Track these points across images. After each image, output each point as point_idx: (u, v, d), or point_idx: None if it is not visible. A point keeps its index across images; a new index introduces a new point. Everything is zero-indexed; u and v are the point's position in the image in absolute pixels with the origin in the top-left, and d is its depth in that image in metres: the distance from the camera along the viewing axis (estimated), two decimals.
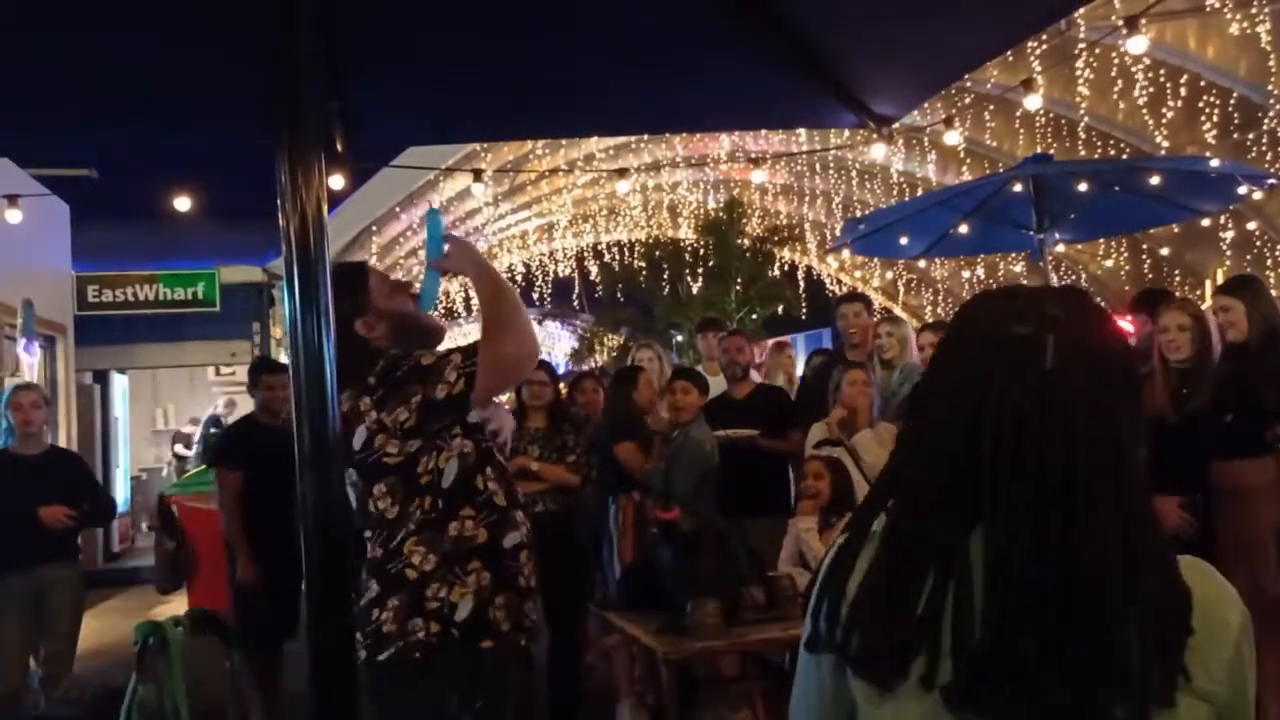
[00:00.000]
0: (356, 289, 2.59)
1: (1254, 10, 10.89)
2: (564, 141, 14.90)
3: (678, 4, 3.51)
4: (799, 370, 7.75)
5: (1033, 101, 8.06)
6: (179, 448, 14.91)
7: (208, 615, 5.61)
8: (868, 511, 1.19)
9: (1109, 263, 16.95)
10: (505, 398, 5.70)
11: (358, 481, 2.47)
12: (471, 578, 2.41)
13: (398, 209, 14.89)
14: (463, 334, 24.39)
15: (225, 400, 13.96)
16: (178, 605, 7.31)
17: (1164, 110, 12.63)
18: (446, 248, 2.64)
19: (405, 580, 2.39)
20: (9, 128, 4.52)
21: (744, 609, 4.06)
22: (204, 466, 8.31)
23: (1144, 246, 15.79)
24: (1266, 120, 12.17)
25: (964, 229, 9.10)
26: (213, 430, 13.44)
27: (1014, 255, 16.87)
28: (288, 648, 5.41)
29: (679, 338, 20.02)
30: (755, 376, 6.36)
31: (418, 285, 2.79)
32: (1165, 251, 15.38)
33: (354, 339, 2.53)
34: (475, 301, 20.41)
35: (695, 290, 20.22)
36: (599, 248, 23.36)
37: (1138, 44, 5.65)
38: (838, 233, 15.30)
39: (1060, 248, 13.81)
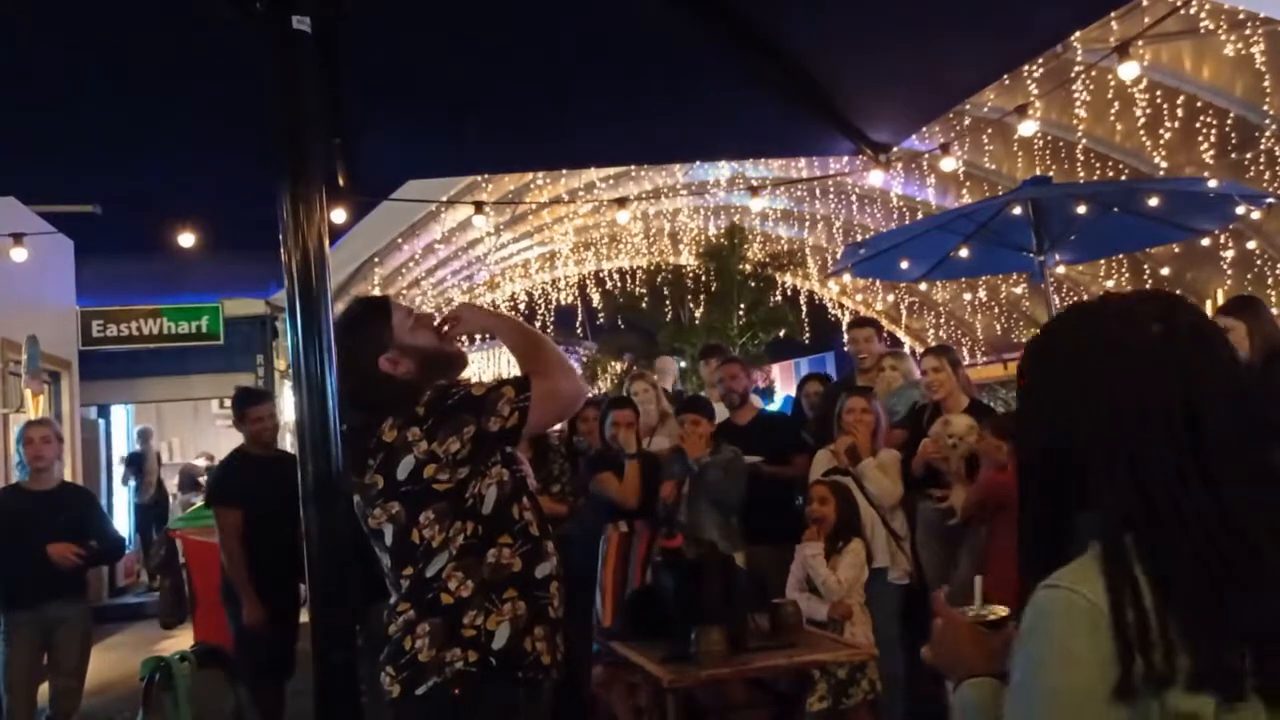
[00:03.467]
0: (379, 325, 2.59)
1: (1248, 31, 10.96)
2: (564, 171, 14.97)
3: (677, 37, 3.55)
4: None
5: (1028, 127, 8.11)
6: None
7: (213, 650, 5.61)
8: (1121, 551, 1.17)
9: (1110, 283, 16.96)
10: None
11: (399, 513, 2.43)
12: (507, 606, 2.41)
13: (400, 241, 14.95)
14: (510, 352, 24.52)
15: (140, 431, 14.15)
16: (183, 640, 7.31)
17: (1161, 131, 12.68)
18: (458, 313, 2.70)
19: (440, 605, 2.37)
20: (14, 166, 4.56)
21: (749, 636, 4.04)
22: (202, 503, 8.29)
23: (1145, 267, 15.81)
24: (1264, 140, 12.22)
25: (964, 252, 9.13)
26: (129, 467, 13.68)
27: (1015, 277, 16.90)
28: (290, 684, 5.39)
29: (682, 364, 20.03)
30: (756, 402, 6.36)
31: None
32: (1166, 271, 15.41)
33: (378, 375, 2.53)
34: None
35: (698, 316, 20.25)
36: (601, 275, 23.41)
37: (1129, 69, 5.68)
38: (839, 257, 15.36)
39: (1061, 269, 13.84)
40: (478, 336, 20.26)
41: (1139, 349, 1.23)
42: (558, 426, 6.54)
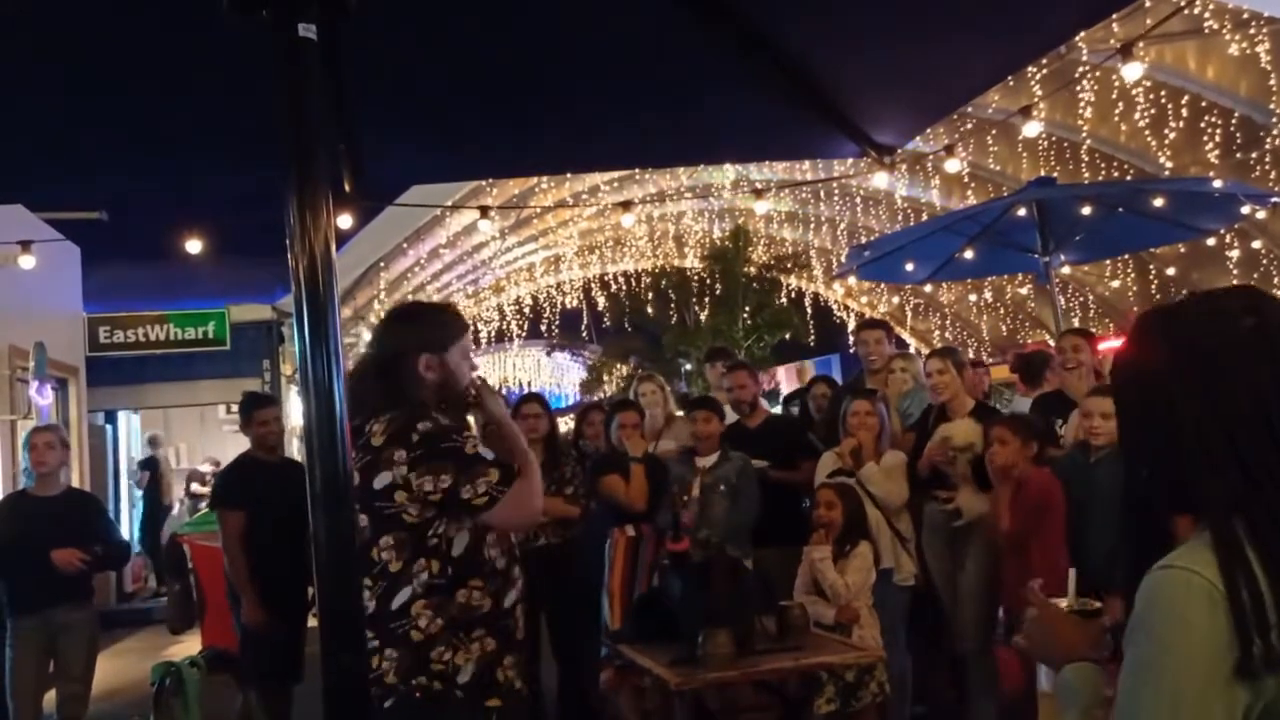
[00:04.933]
0: (445, 331, 2.65)
1: (1253, 31, 10.94)
2: (569, 175, 14.98)
3: (679, 39, 3.55)
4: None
5: (1032, 128, 8.09)
6: (194, 486, 15.00)
7: (222, 655, 5.62)
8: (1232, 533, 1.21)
9: (1115, 283, 16.95)
10: None
11: (364, 528, 2.46)
12: (475, 645, 2.45)
13: (405, 245, 14.97)
14: (515, 355, 24.81)
15: (150, 437, 14.48)
16: (191, 645, 7.33)
17: (1166, 131, 12.66)
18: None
19: (409, 640, 2.41)
20: (21, 173, 4.57)
21: (756, 639, 4.05)
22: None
23: (1150, 267, 15.79)
24: (1269, 139, 12.20)
25: (969, 253, 9.13)
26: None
27: (1020, 278, 16.90)
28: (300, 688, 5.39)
29: (687, 366, 20.05)
30: (765, 405, 6.36)
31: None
32: (1171, 271, 15.39)
33: (409, 364, 2.56)
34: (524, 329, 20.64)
35: (703, 319, 20.26)
36: (606, 278, 23.43)
37: (1133, 70, 5.67)
38: (844, 259, 15.37)
39: (1066, 269, 13.83)
40: (485, 339, 20.28)
41: (1235, 343, 1.27)
42: (564, 428, 6.55)
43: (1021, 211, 8.05)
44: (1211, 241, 12.90)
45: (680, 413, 6.48)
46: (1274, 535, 1.19)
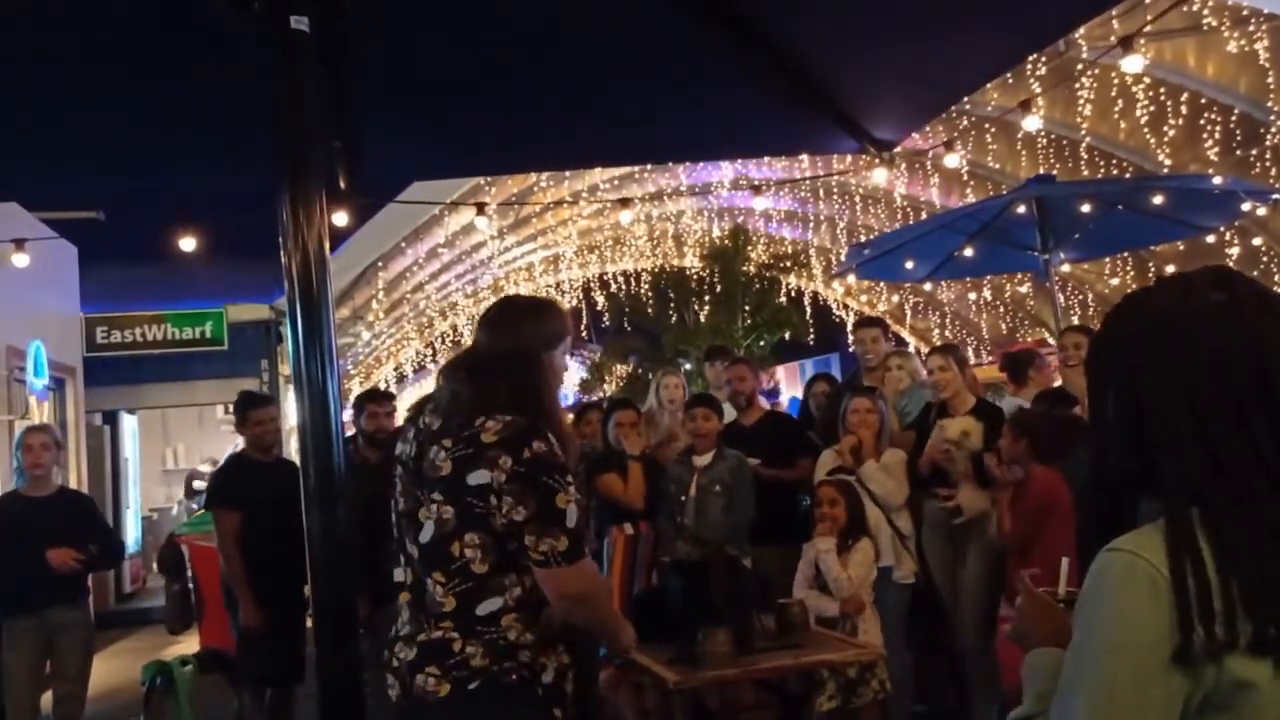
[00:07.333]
0: (559, 325, 2.56)
1: (1251, 28, 10.94)
2: (568, 173, 14.96)
3: (679, 36, 3.54)
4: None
5: (1031, 123, 8.08)
6: (196, 483, 14.99)
7: (217, 655, 5.60)
8: (1184, 517, 1.18)
9: (1115, 281, 16.94)
10: None
11: (449, 519, 2.34)
12: (555, 657, 2.47)
13: (403, 245, 14.95)
14: None
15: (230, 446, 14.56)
16: (189, 645, 7.31)
17: (1165, 129, 12.66)
18: None
19: (497, 645, 2.37)
20: (17, 172, 4.56)
21: (755, 636, 4.03)
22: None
23: (1150, 264, 15.78)
24: (1269, 136, 12.19)
25: (969, 251, 9.12)
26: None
27: (1020, 276, 16.89)
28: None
29: (687, 366, 20.04)
30: (762, 403, 6.34)
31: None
32: (1171, 268, 15.37)
33: (533, 368, 2.46)
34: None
35: (702, 318, 20.26)
36: (605, 278, 23.43)
37: (1133, 63, 5.65)
38: (843, 258, 15.34)
39: (1066, 267, 13.81)
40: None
41: (1203, 317, 1.23)
42: None
43: (1021, 209, 8.03)
44: (1211, 239, 12.89)
45: None
46: (1229, 520, 1.15)
